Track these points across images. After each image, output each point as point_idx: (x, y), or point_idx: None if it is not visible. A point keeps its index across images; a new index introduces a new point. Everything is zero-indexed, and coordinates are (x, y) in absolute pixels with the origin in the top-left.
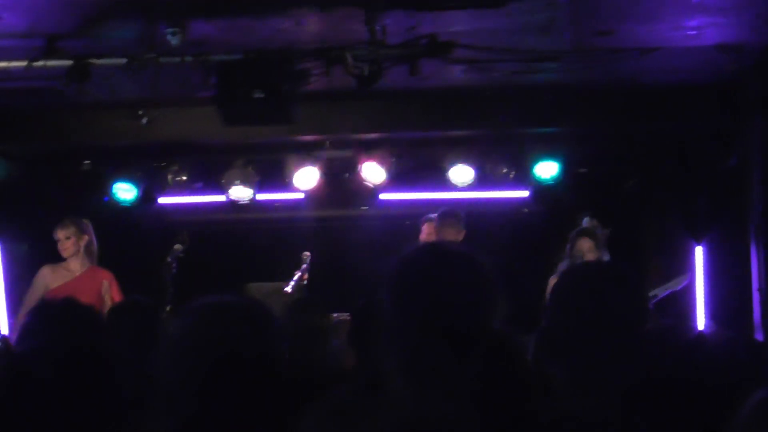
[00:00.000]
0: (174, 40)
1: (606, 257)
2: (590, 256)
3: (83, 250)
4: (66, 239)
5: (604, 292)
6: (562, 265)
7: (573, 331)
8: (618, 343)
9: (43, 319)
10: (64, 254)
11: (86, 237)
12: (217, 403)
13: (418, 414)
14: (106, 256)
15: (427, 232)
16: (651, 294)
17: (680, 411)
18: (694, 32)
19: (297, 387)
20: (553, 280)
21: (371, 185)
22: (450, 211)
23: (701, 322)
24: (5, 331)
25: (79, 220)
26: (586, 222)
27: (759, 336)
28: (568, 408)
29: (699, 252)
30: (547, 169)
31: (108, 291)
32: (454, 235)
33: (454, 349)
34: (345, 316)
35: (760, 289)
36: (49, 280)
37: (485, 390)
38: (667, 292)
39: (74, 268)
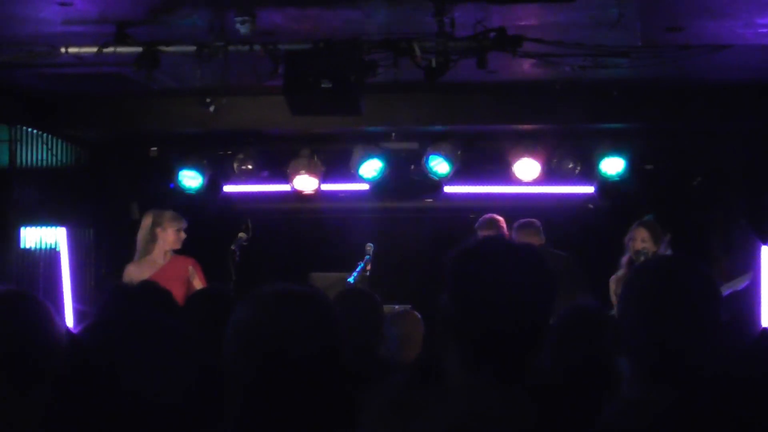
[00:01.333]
0: (243, 29)
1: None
2: (645, 246)
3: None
4: (182, 231)
5: (678, 286)
6: (624, 258)
7: (645, 325)
8: (691, 337)
9: (118, 300)
10: (176, 245)
11: None
12: (278, 393)
13: (476, 407)
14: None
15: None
16: None
17: (745, 408)
18: (766, 29)
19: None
20: (616, 276)
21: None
22: (528, 222)
23: (766, 322)
24: (70, 320)
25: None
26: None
27: None
28: (634, 401)
29: (765, 251)
30: (613, 165)
31: (194, 276)
32: (535, 241)
33: (510, 345)
34: (407, 307)
35: None
36: (135, 276)
37: (543, 384)
38: (728, 291)
39: (158, 259)
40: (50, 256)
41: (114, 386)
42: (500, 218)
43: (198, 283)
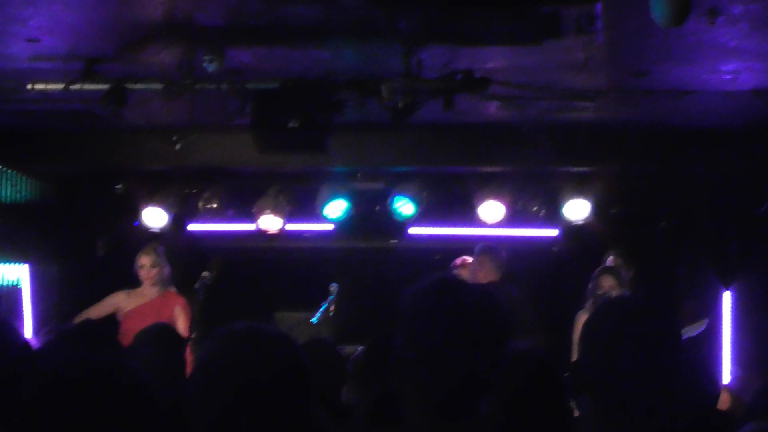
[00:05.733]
0: (211, 67)
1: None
2: (613, 294)
3: (160, 279)
4: (151, 267)
5: (638, 326)
6: (588, 304)
7: (606, 366)
8: (650, 378)
9: (60, 340)
10: (146, 282)
11: (166, 267)
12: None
13: None
14: (134, 281)
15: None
16: None
17: None
18: (729, 76)
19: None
20: (580, 318)
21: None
22: (490, 249)
23: (727, 368)
24: None
25: (158, 247)
26: (610, 261)
27: None
28: None
29: (727, 297)
30: (578, 209)
31: (180, 316)
32: (493, 272)
33: (463, 386)
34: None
35: None
36: (123, 304)
37: (505, 422)
38: (684, 337)
39: (148, 293)
40: (11, 293)
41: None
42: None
43: (181, 324)
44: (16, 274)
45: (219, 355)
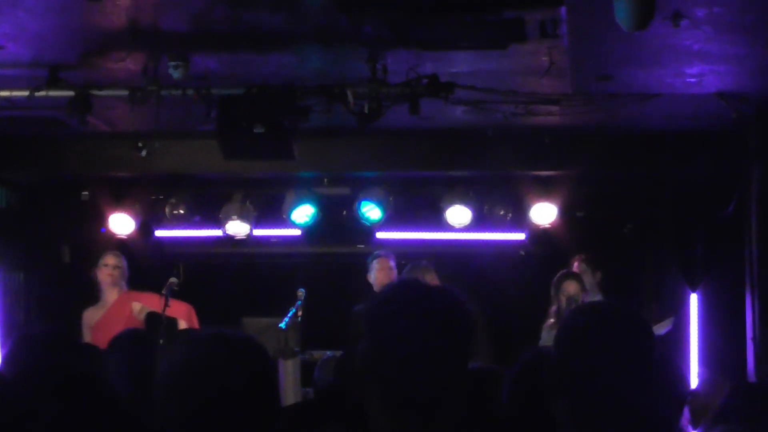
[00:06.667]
0: (176, 74)
1: (597, 299)
2: (577, 299)
3: (119, 283)
4: (115, 268)
5: (613, 328)
6: (552, 309)
7: (580, 369)
8: (625, 381)
9: (23, 348)
10: (107, 280)
11: (126, 273)
12: None
13: None
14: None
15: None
16: None
17: None
18: (694, 80)
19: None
20: (547, 324)
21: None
22: (417, 263)
23: (694, 370)
24: None
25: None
26: (576, 266)
27: None
28: None
29: (694, 299)
30: (544, 212)
31: (142, 312)
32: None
33: (428, 388)
34: (338, 354)
35: (753, 339)
36: (89, 320)
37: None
38: None
39: (109, 299)
40: None
41: None
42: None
43: (145, 309)
44: None
45: (186, 361)
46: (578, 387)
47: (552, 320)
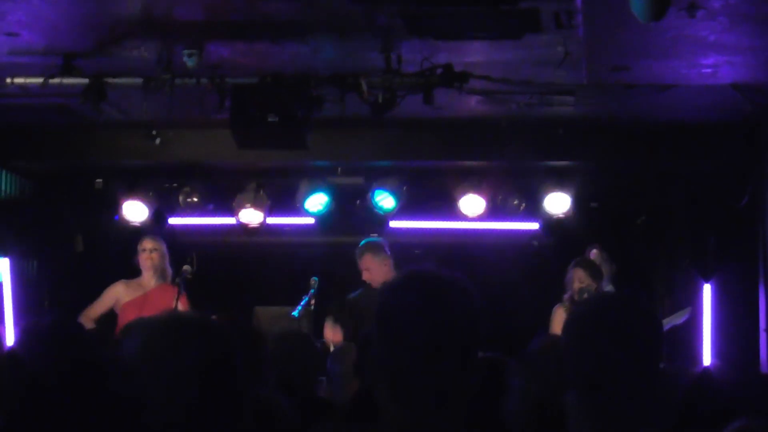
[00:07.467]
0: (190, 62)
1: (609, 290)
2: (585, 285)
3: (160, 267)
4: (153, 251)
5: (621, 322)
6: (566, 296)
7: (589, 361)
8: (634, 374)
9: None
10: (146, 265)
11: (167, 257)
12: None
13: None
14: (114, 276)
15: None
16: None
17: None
18: (709, 70)
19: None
20: (557, 311)
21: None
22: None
23: (707, 360)
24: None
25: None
26: (593, 254)
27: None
28: None
29: (707, 290)
30: (558, 203)
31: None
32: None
33: (441, 376)
34: (350, 343)
35: (766, 330)
36: (122, 294)
37: (477, 415)
38: (668, 326)
39: (147, 284)
40: None
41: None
42: None
43: None
44: None
45: (142, 348)
46: (586, 379)
47: (567, 304)
